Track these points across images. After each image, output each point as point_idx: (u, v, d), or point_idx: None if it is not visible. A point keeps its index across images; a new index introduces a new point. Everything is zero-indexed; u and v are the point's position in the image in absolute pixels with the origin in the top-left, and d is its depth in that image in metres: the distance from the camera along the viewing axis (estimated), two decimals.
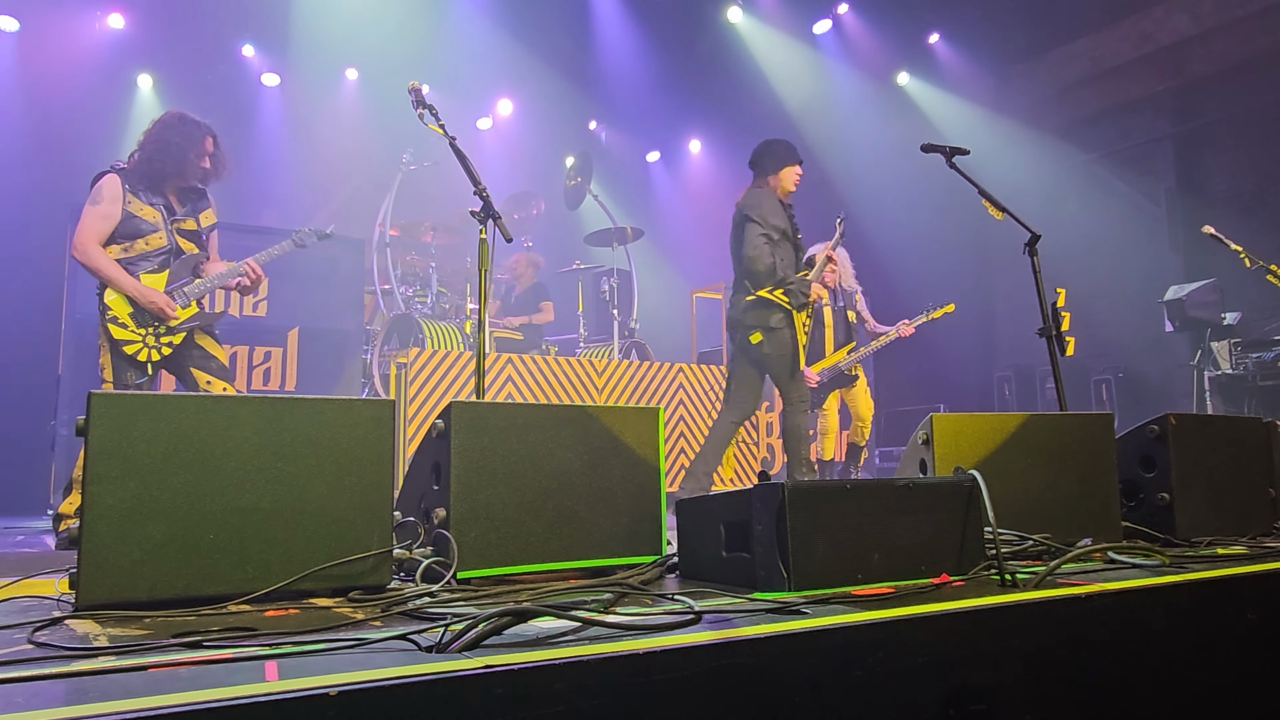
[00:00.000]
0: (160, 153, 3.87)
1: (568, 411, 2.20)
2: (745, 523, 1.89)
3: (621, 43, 10.88)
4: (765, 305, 4.73)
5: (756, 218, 4.71)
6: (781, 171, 4.91)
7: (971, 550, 2.01)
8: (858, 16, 11.06)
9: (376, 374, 6.72)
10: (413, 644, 1.32)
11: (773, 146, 5.00)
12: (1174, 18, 9.38)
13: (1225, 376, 7.16)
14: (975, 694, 1.50)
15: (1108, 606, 1.69)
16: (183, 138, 3.92)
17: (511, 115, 11.62)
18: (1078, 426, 2.56)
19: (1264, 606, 1.92)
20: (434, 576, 1.93)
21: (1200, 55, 9.16)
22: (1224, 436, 2.80)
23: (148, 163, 3.88)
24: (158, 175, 3.90)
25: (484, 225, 3.03)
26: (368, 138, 10.27)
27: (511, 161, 11.06)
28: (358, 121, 10.42)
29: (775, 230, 4.72)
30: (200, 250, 4.05)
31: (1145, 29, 9.64)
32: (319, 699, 1.02)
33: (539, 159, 11.54)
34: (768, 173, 4.93)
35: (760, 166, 4.98)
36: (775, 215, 4.77)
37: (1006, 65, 11.03)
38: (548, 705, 1.14)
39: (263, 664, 1.21)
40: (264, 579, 1.75)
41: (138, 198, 3.85)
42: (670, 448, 6.40)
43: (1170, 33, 9.38)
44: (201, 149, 3.98)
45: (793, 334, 4.75)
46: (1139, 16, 9.66)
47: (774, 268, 4.65)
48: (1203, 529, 2.59)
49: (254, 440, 1.79)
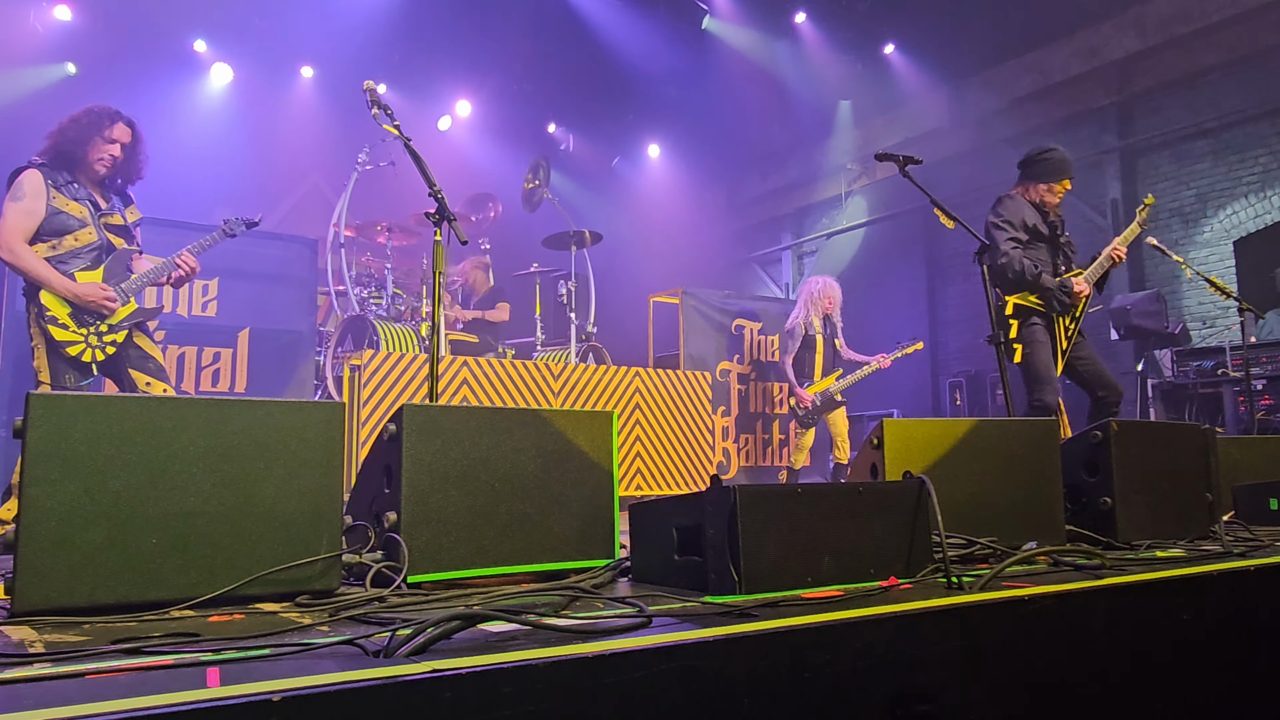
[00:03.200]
0: (64, 143, 3.73)
1: (521, 415, 2.19)
2: (697, 526, 1.90)
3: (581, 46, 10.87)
4: (1018, 312, 4.53)
5: (1001, 223, 4.55)
6: (1039, 185, 4.69)
7: (920, 553, 2.04)
8: (815, 26, 11.18)
9: (330, 376, 6.63)
10: (360, 649, 1.31)
11: (1044, 153, 4.73)
12: (1120, 33, 9.63)
13: (1168, 384, 7.35)
14: (921, 694, 1.53)
15: (1049, 608, 1.73)
16: (84, 127, 3.76)
17: (470, 117, 11.56)
18: (1024, 432, 2.61)
19: (1198, 608, 1.98)
20: (384, 581, 1.91)
21: (1145, 70, 9.41)
22: (1164, 442, 2.88)
23: (55, 155, 3.74)
24: (67, 165, 3.75)
25: (439, 227, 3.01)
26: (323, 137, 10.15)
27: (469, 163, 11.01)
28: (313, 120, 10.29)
29: (1024, 231, 4.54)
30: (130, 244, 3.94)
31: (1093, 44, 9.88)
32: (261, 705, 1.00)
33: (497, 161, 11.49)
34: (1025, 180, 4.74)
35: (1023, 171, 4.78)
36: (1025, 215, 4.57)
37: (959, 77, 11.23)
38: (496, 709, 1.14)
39: (204, 670, 1.19)
40: (209, 584, 1.72)
41: (61, 193, 3.70)
42: (626, 451, 6.40)
43: (1117, 48, 9.62)
44: (104, 138, 3.80)
45: (1050, 339, 4.50)
46: (1087, 32, 9.90)
47: (1023, 272, 4.43)
48: (1143, 532, 2.66)
49: (200, 443, 1.76)
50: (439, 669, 1.12)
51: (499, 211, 9.02)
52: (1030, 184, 4.70)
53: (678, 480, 6.64)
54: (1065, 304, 4.45)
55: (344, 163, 7.82)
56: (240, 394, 6.24)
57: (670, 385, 6.76)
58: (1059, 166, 4.66)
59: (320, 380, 6.80)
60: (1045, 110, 10.29)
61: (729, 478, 7.79)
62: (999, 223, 4.55)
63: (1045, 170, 4.66)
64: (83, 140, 3.76)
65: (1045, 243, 4.62)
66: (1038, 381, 4.41)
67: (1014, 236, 4.49)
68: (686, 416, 6.81)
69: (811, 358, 7.21)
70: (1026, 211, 4.59)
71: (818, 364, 7.21)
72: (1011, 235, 4.49)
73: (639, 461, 6.48)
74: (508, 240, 9.16)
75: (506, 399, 5.92)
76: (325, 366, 6.76)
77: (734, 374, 8.13)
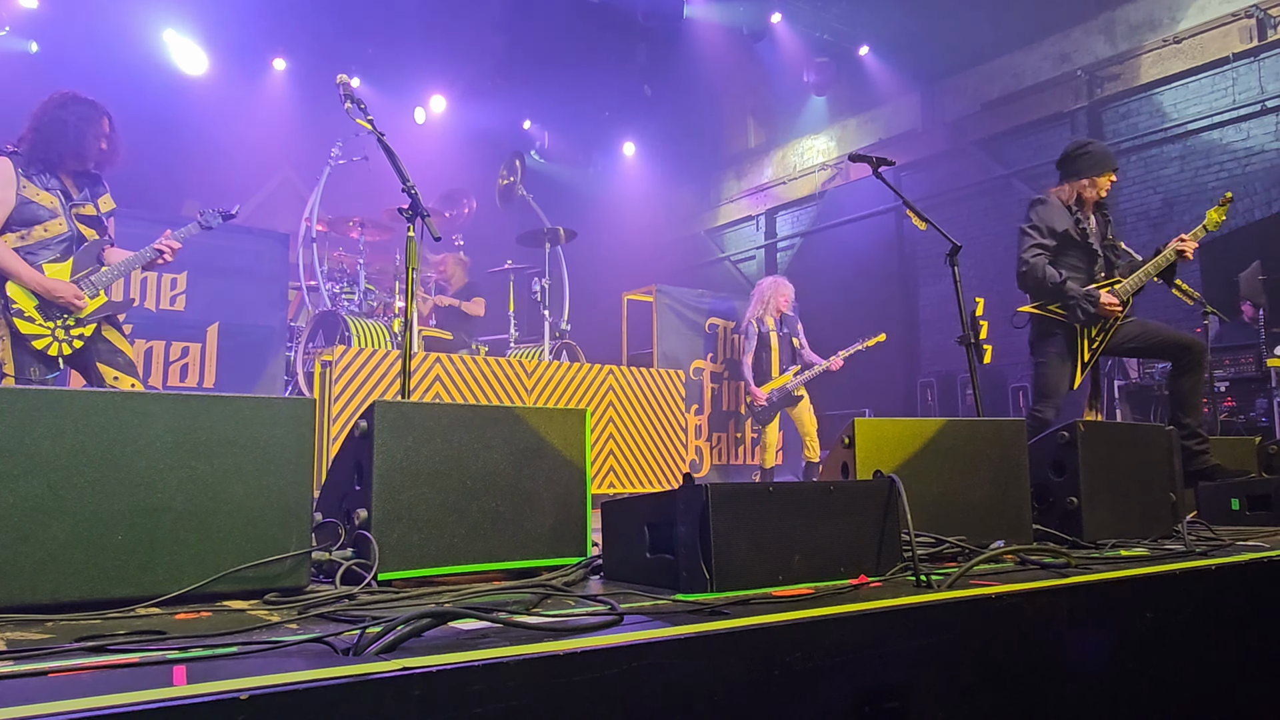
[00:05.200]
0: (55, 134, 3.64)
1: (493, 412, 2.19)
2: (669, 524, 1.90)
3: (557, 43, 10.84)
4: (1036, 321, 4.41)
5: (1029, 229, 4.36)
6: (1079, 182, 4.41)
7: (889, 552, 2.06)
8: (790, 27, 11.22)
9: (300, 372, 6.57)
10: (329, 646, 1.30)
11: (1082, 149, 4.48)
12: (1090, 39, 9.76)
13: (1134, 385, 7.47)
14: (889, 691, 1.54)
15: (1015, 606, 1.75)
16: (78, 118, 3.69)
17: (444, 112, 11.50)
18: (992, 432, 2.64)
19: (1160, 607, 2.01)
20: (354, 578, 1.89)
21: (1114, 76, 9.55)
22: (1130, 443, 2.92)
23: (43, 145, 3.65)
24: (53, 158, 3.67)
25: (412, 223, 2.99)
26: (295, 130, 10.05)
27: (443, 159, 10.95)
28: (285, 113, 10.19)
29: (1054, 237, 4.33)
30: (102, 236, 3.87)
31: (1063, 49, 10.01)
32: (228, 703, 0.99)
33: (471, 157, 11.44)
34: (1065, 180, 4.48)
35: (1062, 170, 4.52)
36: (1057, 219, 4.36)
37: (932, 80, 11.33)
38: (466, 707, 1.13)
39: (170, 668, 1.18)
40: (175, 581, 1.70)
41: (32, 182, 3.62)
42: (600, 449, 6.40)
43: (1087, 54, 9.76)
44: (99, 130, 3.75)
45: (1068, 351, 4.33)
46: (1058, 37, 10.03)
47: (1044, 280, 4.26)
48: (1108, 531, 2.70)
49: (167, 438, 1.74)
50: (409, 667, 1.12)
51: (473, 208, 8.98)
52: (1069, 182, 4.44)
53: (651, 478, 6.64)
54: (1090, 314, 4.22)
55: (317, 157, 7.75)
56: (209, 389, 6.17)
57: (644, 383, 6.77)
58: (1101, 159, 4.40)
59: (291, 376, 6.74)
60: (1016, 114, 10.41)
61: (702, 476, 7.82)
62: (1026, 229, 4.37)
63: (1086, 165, 4.40)
64: (76, 135, 3.69)
65: (1078, 249, 4.39)
66: (1040, 396, 4.35)
67: (1039, 244, 4.31)
68: (660, 415, 6.82)
69: (768, 356, 7.38)
70: (1058, 216, 4.36)
71: (774, 362, 7.37)
72: (1036, 242, 4.31)
73: (612, 459, 6.48)
74: (482, 237, 9.13)
75: (480, 396, 5.90)
76: (296, 362, 6.70)
77: (707, 372, 8.16)
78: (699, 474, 7.83)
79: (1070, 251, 4.37)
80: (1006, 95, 10.51)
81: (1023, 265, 4.31)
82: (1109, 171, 4.41)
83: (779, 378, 7.34)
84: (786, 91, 13.33)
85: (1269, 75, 8.39)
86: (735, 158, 14.48)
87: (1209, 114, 8.76)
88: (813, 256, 12.60)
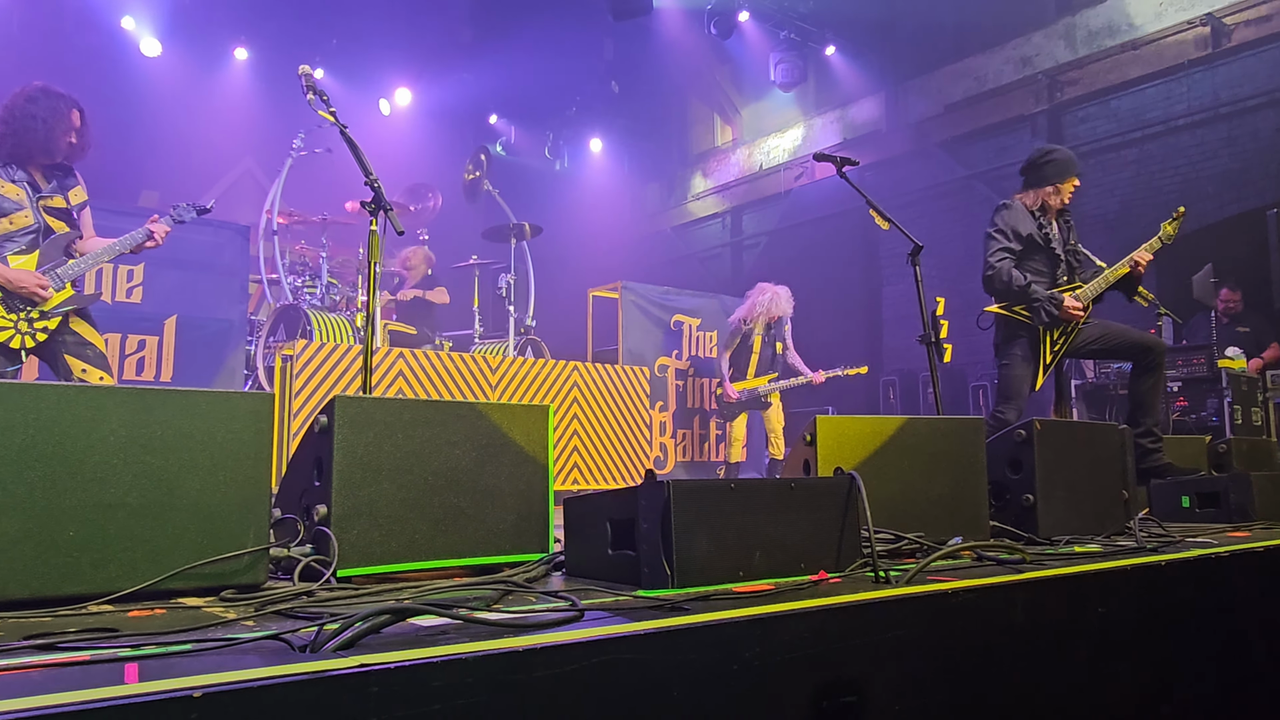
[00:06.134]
0: (25, 128, 3.60)
1: (456, 408, 2.18)
2: (631, 521, 1.91)
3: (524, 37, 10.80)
4: (1002, 322, 4.44)
5: (995, 233, 4.40)
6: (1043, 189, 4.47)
7: (849, 548, 2.08)
8: (758, 25, 11.27)
9: (261, 366, 6.48)
10: (286, 644, 1.28)
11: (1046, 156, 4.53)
12: (1051, 44, 9.91)
13: (1090, 385, 7.61)
14: (847, 686, 1.56)
15: (971, 601, 1.78)
16: (49, 112, 3.65)
17: (410, 106, 11.40)
18: (952, 430, 2.67)
19: (1111, 602, 2.06)
20: (313, 575, 1.88)
21: (1074, 80, 9.71)
22: (1084, 441, 2.98)
23: (12, 137, 3.61)
24: (21, 151, 3.63)
25: (375, 217, 2.97)
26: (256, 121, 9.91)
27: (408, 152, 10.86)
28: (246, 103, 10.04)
29: (1019, 241, 4.38)
30: (71, 229, 3.81)
31: (1025, 53, 10.15)
32: (181, 701, 0.98)
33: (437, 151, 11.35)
34: (1029, 187, 4.54)
35: (1026, 177, 4.58)
36: (1022, 223, 4.41)
37: (897, 81, 11.44)
38: (425, 704, 1.13)
39: (122, 666, 1.16)
40: (129, 578, 1.67)
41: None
42: (563, 446, 6.39)
43: (1047, 58, 9.91)
44: (69, 124, 3.71)
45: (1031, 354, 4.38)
46: (1020, 41, 10.18)
47: (1010, 283, 4.31)
48: (1063, 528, 2.75)
49: (121, 433, 1.71)
50: (367, 664, 1.11)
51: (438, 202, 8.92)
52: (1034, 189, 4.51)
53: (615, 475, 6.65)
54: (1054, 316, 4.29)
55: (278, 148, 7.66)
56: (166, 383, 6.07)
57: (609, 380, 6.77)
58: (1064, 166, 4.47)
59: (251, 370, 6.65)
60: (978, 116, 10.54)
61: (666, 472, 7.83)
62: (993, 232, 4.43)
63: (1051, 172, 4.46)
64: (46, 130, 3.64)
65: (1042, 253, 4.46)
66: (1003, 398, 4.40)
67: (1006, 247, 4.37)
68: (625, 411, 6.82)
69: (748, 356, 7.44)
70: (1023, 221, 4.43)
71: (753, 363, 7.43)
72: (1003, 246, 4.37)
73: (576, 456, 6.47)
74: (447, 232, 9.07)
75: (443, 391, 5.86)
76: (256, 356, 6.61)
77: (672, 369, 8.18)
78: (664, 470, 7.85)
79: (1034, 256, 4.44)
80: (969, 98, 10.64)
81: (989, 269, 4.36)
82: (1072, 177, 4.49)
83: (754, 379, 7.41)
84: (753, 90, 13.39)
85: (1222, 83, 8.59)
86: (702, 155, 14.51)
87: (1165, 119, 8.94)
88: (779, 255, 12.66)
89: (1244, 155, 8.41)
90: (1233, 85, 8.52)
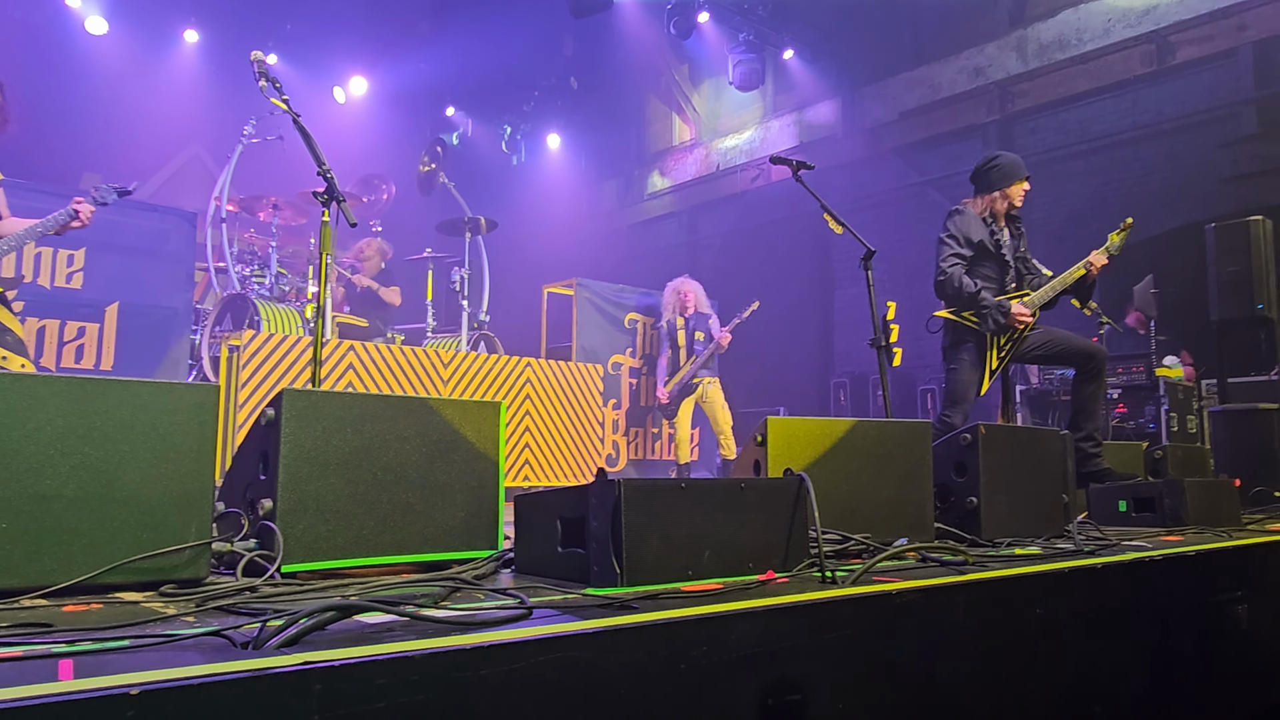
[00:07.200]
0: None
1: (406, 403, 2.16)
2: (581, 519, 1.90)
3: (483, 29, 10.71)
4: (951, 327, 4.49)
5: (947, 238, 4.43)
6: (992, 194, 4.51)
7: (797, 548, 2.10)
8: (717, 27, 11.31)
9: (206, 356, 6.35)
10: (227, 640, 1.26)
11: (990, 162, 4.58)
12: (1004, 55, 10.11)
13: (1034, 390, 7.78)
14: (793, 685, 1.58)
15: (915, 602, 1.81)
16: None
17: (365, 95, 11.24)
18: (899, 433, 2.71)
19: (1048, 603, 2.11)
20: (257, 570, 1.84)
21: (1025, 92, 9.91)
22: (1027, 446, 3.04)
23: None
24: None
25: (327, 207, 2.92)
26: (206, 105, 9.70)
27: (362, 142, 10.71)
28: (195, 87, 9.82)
29: (970, 247, 4.42)
30: None
31: (978, 63, 10.34)
32: (117, 699, 0.96)
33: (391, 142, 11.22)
34: (978, 193, 4.56)
35: (975, 184, 4.61)
36: (973, 229, 4.45)
37: (853, 86, 11.57)
38: (368, 701, 1.12)
39: (56, 662, 1.13)
40: (64, 572, 1.63)
41: None
42: (516, 442, 6.36)
43: (1000, 69, 10.11)
44: None
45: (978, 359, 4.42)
46: (973, 51, 10.36)
47: (961, 289, 4.34)
48: (1004, 530, 2.80)
49: (58, 423, 1.66)
50: (310, 661, 1.10)
51: (392, 193, 8.81)
52: (982, 196, 4.56)
53: (567, 472, 6.63)
54: (1001, 324, 4.33)
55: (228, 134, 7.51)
56: (107, 372, 5.92)
57: (562, 377, 6.75)
58: (1009, 171, 4.52)
59: (195, 360, 6.51)
60: (932, 124, 10.71)
61: (618, 470, 7.84)
62: (945, 238, 4.47)
63: (997, 178, 4.52)
64: None
65: (992, 259, 4.51)
66: (950, 401, 4.45)
67: (957, 253, 4.42)
68: (577, 408, 6.81)
69: (677, 355, 7.60)
70: (975, 227, 4.48)
71: (682, 360, 7.58)
72: (955, 252, 4.42)
73: (528, 453, 6.45)
74: (400, 224, 8.97)
75: (394, 386, 5.80)
76: (202, 346, 6.47)
77: (626, 367, 8.18)
78: (616, 468, 7.85)
79: (985, 262, 4.49)
80: (924, 105, 10.80)
81: (941, 274, 4.41)
82: (1019, 181, 4.53)
83: (676, 375, 7.56)
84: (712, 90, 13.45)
85: (1166, 99, 8.83)
86: (660, 154, 14.54)
87: (1111, 133, 9.17)
88: (734, 256, 12.74)
89: (1185, 170, 8.66)
90: (1176, 102, 8.77)
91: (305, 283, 7.01)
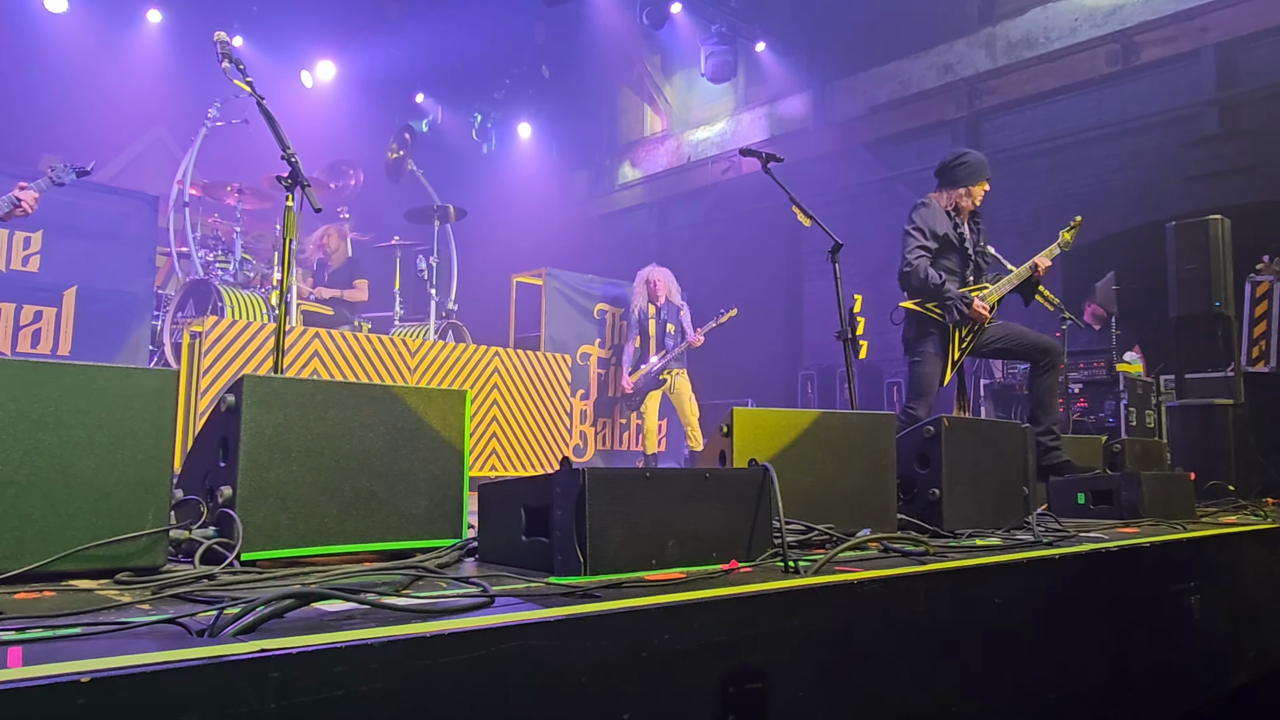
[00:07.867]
0: None
1: (370, 390, 2.13)
2: (545, 508, 1.90)
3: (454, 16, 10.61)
4: (914, 318, 4.52)
5: (913, 230, 4.46)
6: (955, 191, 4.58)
7: (761, 538, 2.11)
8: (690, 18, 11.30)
9: (168, 342, 6.25)
10: (183, 628, 1.24)
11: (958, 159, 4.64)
12: (973, 52, 10.20)
13: (998, 384, 7.89)
14: (754, 673, 1.59)
15: (876, 592, 1.83)
16: None
17: (333, 80, 11.10)
18: (864, 424, 2.73)
19: (1007, 593, 2.14)
20: (215, 558, 1.82)
21: (993, 89, 10.00)
22: (989, 439, 3.08)
23: None
24: None
25: (291, 193, 2.88)
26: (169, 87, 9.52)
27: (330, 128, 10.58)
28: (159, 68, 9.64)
29: (935, 240, 4.47)
30: None
31: (948, 60, 10.42)
32: (68, 687, 0.94)
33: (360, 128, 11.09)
34: (942, 188, 4.63)
35: (940, 179, 4.67)
36: (938, 223, 4.50)
37: (824, 80, 11.61)
38: (326, 689, 1.11)
39: (5, 650, 1.11)
40: (15, 559, 1.60)
41: None
42: (482, 431, 6.33)
43: (968, 66, 10.20)
44: None
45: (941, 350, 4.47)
46: (943, 48, 10.44)
47: (927, 281, 4.39)
48: (966, 522, 2.84)
49: (10, 407, 1.63)
50: (267, 649, 1.08)
51: (360, 180, 8.72)
52: (947, 191, 4.64)
53: (534, 462, 6.62)
54: (963, 315, 4.40)
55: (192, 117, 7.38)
56: (65, 357, 5.80)
57: (530, 366, 6.73)
58: (975, 170, 4.61)
59: (157, 346, 6.40)
60: (902, 119, 10.78)
61: (585, 460, 7.84)
62: (910, 230, 4.52)
63: (963, 175, 4.59)
64: None
65: (955, 253, 4.59)
66: (914, 394, 4.51)
67: (923, 245, 4.47)
68: (545, 398, 6.79)
69: (645, 344, 7.56)
70: (939, 220, 4.54)
71: (651, 350, 7.55)
72: (920, 244, 4.47)
73: (495, 442, 6.42)
74: (368, 211, 8.88)
75: (360, 374, 5.75)
76: (163, 332, 6.37)
77: (594, 358, 8.17)
78: (583, 459, 7.85)
79: (948, 255, 4.56)
80: (893, 100, 10.87)
81: (906, 266, 4.46)
82: (982, 181, 4.62)
83: (644, 366, 7.53)
84: (683, 81, 13.44)
85: (1130, 98, 8.96)
86: (631, 144, 14.51)
87: (1076, 131, 9.29)
88: (704, 247, 12.75)
89: (1148, 169, 8.79)
90: (1140, 101, 8.90)
91: (270, 269, 6.92)
